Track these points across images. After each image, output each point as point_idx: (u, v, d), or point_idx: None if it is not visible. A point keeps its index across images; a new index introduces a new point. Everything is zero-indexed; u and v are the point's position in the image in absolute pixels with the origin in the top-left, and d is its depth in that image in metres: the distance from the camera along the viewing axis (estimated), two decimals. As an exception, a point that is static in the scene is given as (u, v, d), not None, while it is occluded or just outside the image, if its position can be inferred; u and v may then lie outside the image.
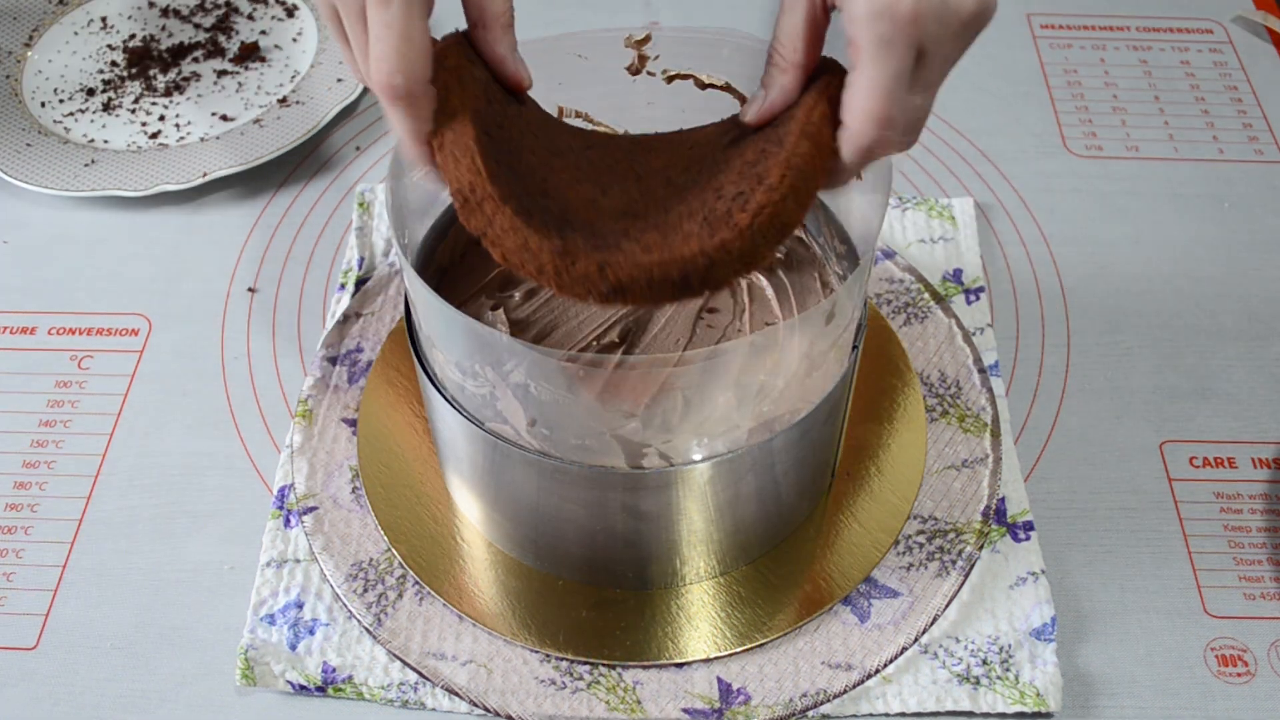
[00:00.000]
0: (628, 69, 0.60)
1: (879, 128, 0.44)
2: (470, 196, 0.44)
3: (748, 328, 0.57)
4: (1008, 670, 0.57)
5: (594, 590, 0.60)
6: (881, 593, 0.60)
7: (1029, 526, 0.62)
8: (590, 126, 0.61)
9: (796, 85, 0.46)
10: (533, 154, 0.48)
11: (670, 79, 0.60)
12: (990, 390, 0.67)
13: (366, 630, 0.59)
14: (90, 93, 0.87)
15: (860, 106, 0.44)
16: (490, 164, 0.44)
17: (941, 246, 0.75)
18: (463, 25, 0.48)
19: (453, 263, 0.60)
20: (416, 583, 0.60)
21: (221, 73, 0.88)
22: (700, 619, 0.59)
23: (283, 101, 0.85)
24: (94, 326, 0.74)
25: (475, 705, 0.56)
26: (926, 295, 0.72)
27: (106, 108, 0.86)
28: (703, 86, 0.59)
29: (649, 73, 0.60)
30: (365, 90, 0.87)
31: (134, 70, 0.88)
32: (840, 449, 0.63)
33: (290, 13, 0.93)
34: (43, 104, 0.86)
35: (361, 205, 0.77)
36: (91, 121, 0.85)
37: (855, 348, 0.56)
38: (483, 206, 0.44)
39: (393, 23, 0.42)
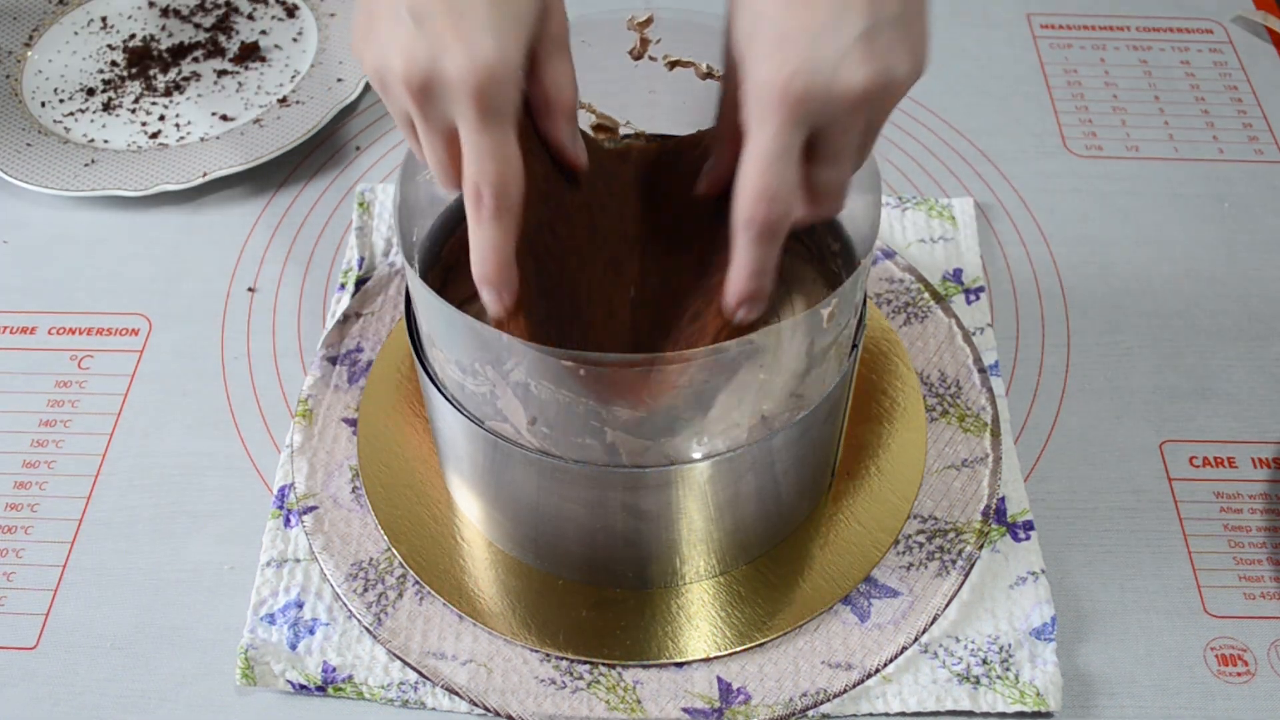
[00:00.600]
0: (630, 53, 0.60)
1: (761, 203, 0.44)
2: (502, 320, 0.48)
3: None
4: (1008, 670, 0.57)
5: (594, 590, 0.60)
6: (881, 592, 0.60)
7: (1029, 526, 0.62)
8: (594, 119, 0.61)
9: (735, 156, 0.47)
10: (566, 259, 0.51)
11: (671, 65, 0.60)
12: (990, 390, 0.67)
13: (366, 630, 0.59)
14: (90, 93, 0.87)
15: (743, 183, 0.44)
16: (527, 304, 0.48)
17: (941, 246, 0.75)
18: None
19: (455, 262, 0.60)
20: (416, 582, 0.60)
21: (221, 73, 0.88)
22: (700, 618, 0.59)
23: (283, 101, 0.85)
24: (94, 326, 0.74)
25: (475, 705, 0.56)
26: (926, 295, 0.72)
27: (106, 108, 0.86)
28: (703, 76, 0.59)
29: (650, 57, 0.60)
30: (365, 90, 0.87)
31: (134, 70, 0.88)
32: (840, 448, 0.63)
33: (290, 13, 0.93)
34: (43, 104, 0.86)
35: (361, 205, 0.77)
36: (91, 121, 0.85)
37: (855, 347, 0.56)
38: (507, 327, 0.48)
39: (492, 149, 0.44)
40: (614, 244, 0.55)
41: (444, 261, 0.60)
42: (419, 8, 0.43)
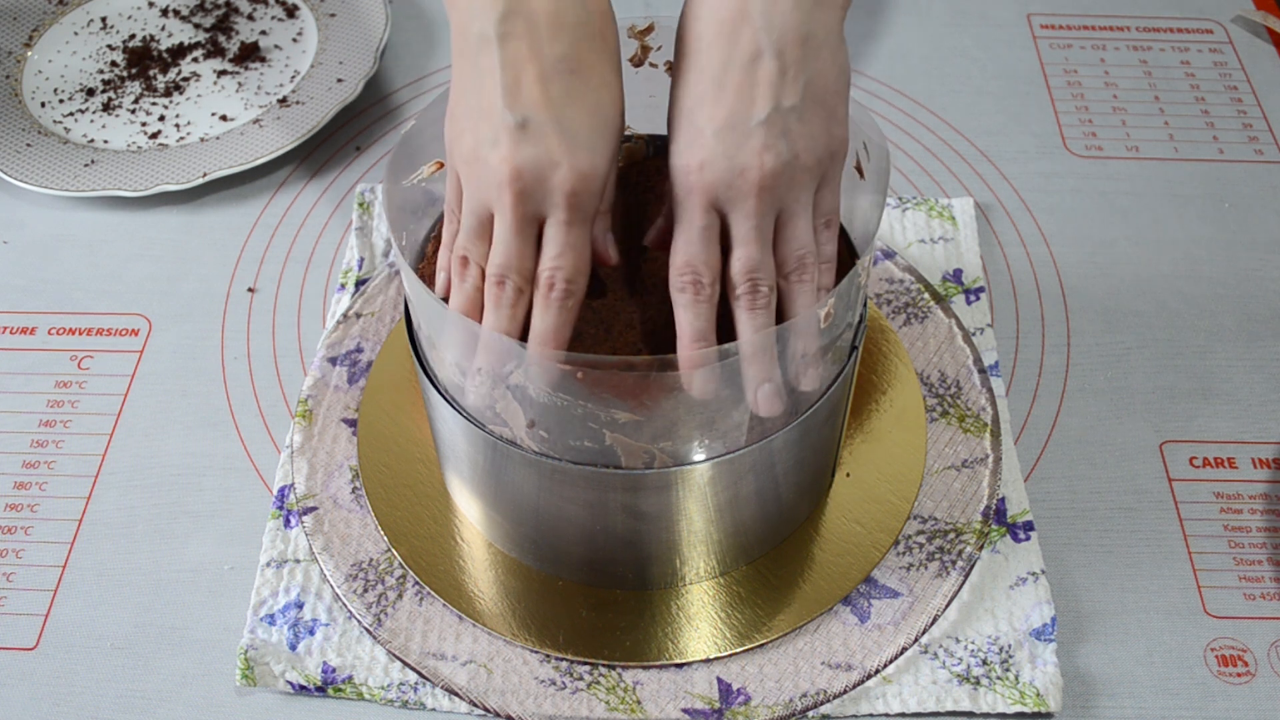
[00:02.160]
0: (630, 60, 0.60)
1: (684, 274, 0.49)
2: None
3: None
4: (1008, 670, 0.57)
5: (594, 591, 0.60)
6: (881, 593, 0.60)
7: (1029, 526, 0.62)
8: None
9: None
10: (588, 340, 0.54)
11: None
12: (990, 390, 0.67)
13: (366, 630, 0.59)
14: (90, 93, 0.87)
15: (671, 256, 0.50)
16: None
17: (941, 246, 0.75)
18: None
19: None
20: (416, 583, 0.60)
21: (221, 73, 0.88)
22: (700, 619, 0.59)
23: (283, 101, 0.85)
24: (94, 326, 0.74)
25: (475, 705, 0.56)
26: (926, 295, 0.72)
27: (106, 108, 0.86)
28: None
29: (651, 64, 0.60)
30: (365, 90, 0.87)
31: (134, 70, 0.88)
32: (840, 449, 0.63)
33: (290, 13, 0.93)
34: (43, 104, 0.86)
35: (361, 205, 0.77)
36: (91, 121, 0.85)
37: (855, 348, 0.56)
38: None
39: (574, 244, 0.49)
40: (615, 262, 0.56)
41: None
42: (531, 120, 0.48)
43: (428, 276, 0.56)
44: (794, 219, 0.50)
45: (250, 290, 0.75)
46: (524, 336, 0.50)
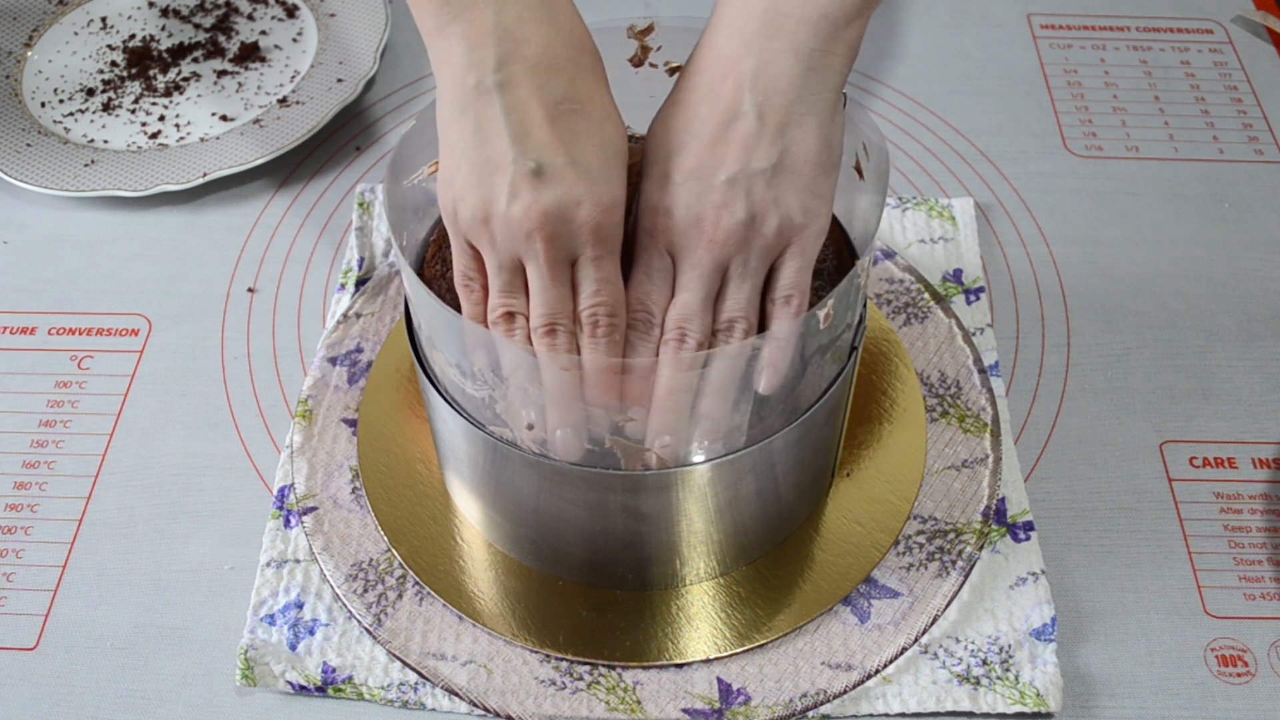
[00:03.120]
0: (630, 60, 0.60)
1: (634, 311, 0.50)
2: None
3: None
4: (1008, 670, 0.57)
5: (594, 591, 0.60)
6: (881, 593, 0.60)
7: (1029, 526, 0.62)
8: None
9: None
10: None
11: (672, 71, 0.60)
12: (990, 390, 0.67)
13: (366, 630, 0.59)
14: (90, 93, 0.87)
15: (629, 291, 0.51)
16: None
17: (941, 246, 0.75)
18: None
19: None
20: (416, 583, 0.60)
21: (221, 73, 0.88)
22: (700, 619, 0.59)
23: (283, 101, 0.85)
24: (94, 326, 0.74)
25: (475, 705, 0.56)
26: (926, 295, 0.72)
27: (106, 108, 0.86)
28: None
29: (651, 64, 0.60)
30: (365, 90, 0.87)
31: (134, 70, 0.88)
32: (840, 449, 0.63)
33: (290, 13, 0.93)
34: (43, 104, 0.86)
35: (361, 205, 0.77)
36: (91, 121, 0.85)
37: (855, 348, 0.56)
38: None
39: (608, 278, 0.49)
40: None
41: (442, 260, 0.59)
42: (546, 164, 0.47)
43: (428, 278, 0.56)
44: (735, 282, 0.50)
45: (250, 290, 0.75)
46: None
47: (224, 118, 0.85)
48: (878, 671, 0.57)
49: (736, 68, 0.48)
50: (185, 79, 0.88)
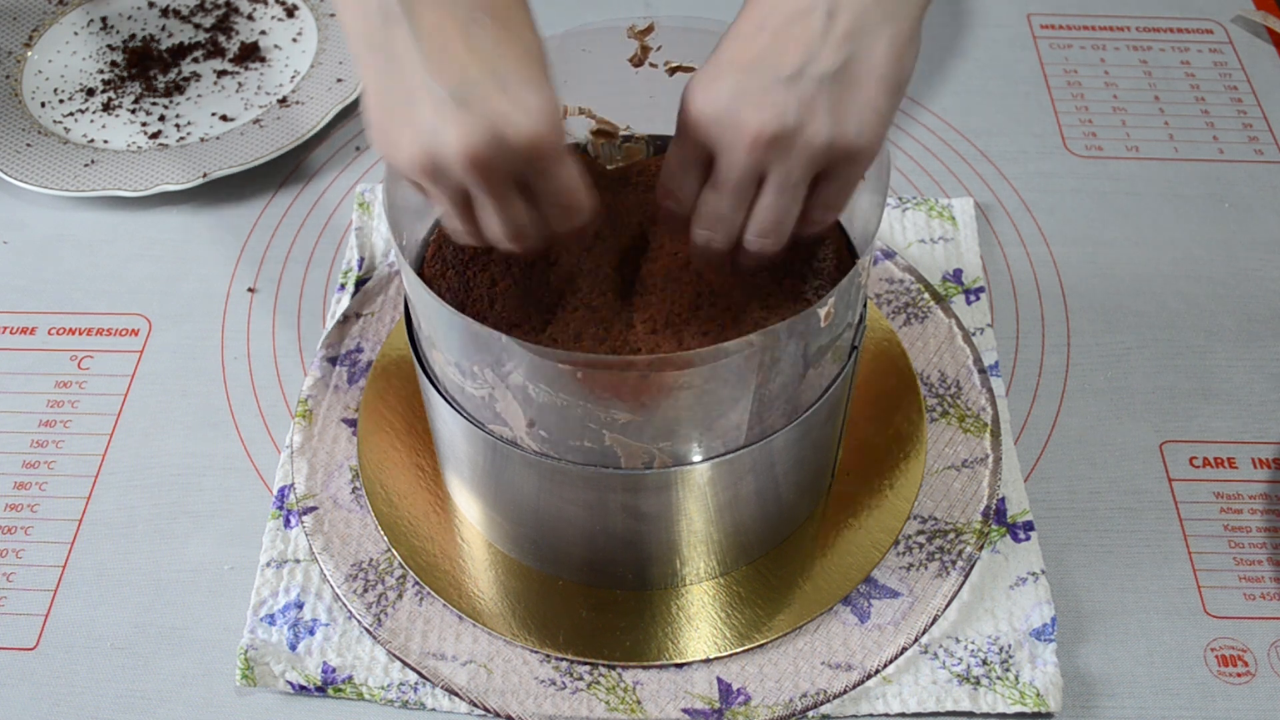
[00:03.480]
0: (630, 60, 0.60)
1: (660, 197, 0.49)
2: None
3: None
4: (1008, 670, 0.57)
5: (594, 591, 0.60)
6: (881, 593, 0.60)
7: (1029, 526, 0.62)
8: (593, 123, 0.62)
9: None
10: (576, 281, 0.56)
11: (672, 71, 0.60)
12: (990, 390, 0.67)
13: (366, 630, 0.59)
14: (90, 93, 0.87)
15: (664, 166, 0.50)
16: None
17: (941, 246, 0.75)
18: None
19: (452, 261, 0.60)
20: (416, 583, 0.60)
21: (221, 73, 0.88)
22: (700, 619, 0.59)
23: (283, 101, 0.85)
24: (94, 326, 0.74)
25: (475, 705, 0.56)
26: (926, 295, 0.72)
27: (106, 108, 0.86)
28: None
29: (651, 64, 0.60)
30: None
31: (134, 70, 0.88)
32: (840, 449, 0.63)
33: (290, 13, 0.93)
34: (43, 104, 0.86)
35: (361, 205, 0.77)
36: (91, 121, 0.85)
37: (855, 348, 0.56)
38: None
39: (570, 183, 0.46)
40: (615, 257, 0.56)
41: (442, 260, 0.59)
42: (462, 89, 0.43)
43: (428, 278, 0.56)
44: (773, 193, 0.47)
45: (250, 290, 0.75)
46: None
47: (224, 118, 0.85)
48: (878, 671, 0.57)
49: None
50: (185, 79, 0.88)
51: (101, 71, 0.89)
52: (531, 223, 0.47)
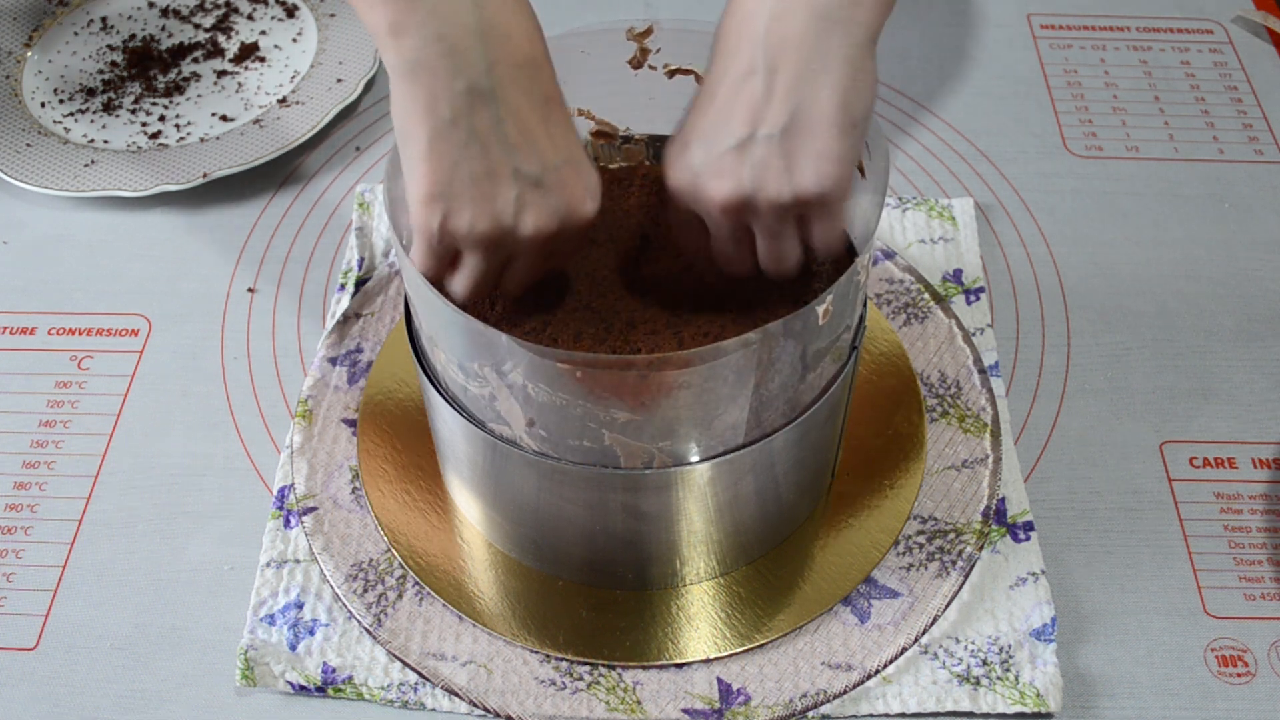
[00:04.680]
0: (629, 62, 0.60)
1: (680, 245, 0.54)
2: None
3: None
4: (1008, 670, 0.57)
5: (594, 591, 0.60)
6: (881, 593, 0.60)
7: (1029, 527, 0.62)
8: (593, 124, 0.62)
9: None
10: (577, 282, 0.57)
11: (671, 73, 0.60)
12: (990, 390, 0.67)
13: (366, 630, 0.59)
14: (90, 93, 0.87)
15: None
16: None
17: (941, 247, 0.75)
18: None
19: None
20: (416, 583, 0.60)
21: (221, 73, 0.88)
22: (700, 619, 0.59)
23: (283, 101, 0.85)
24: (94, 327, 0.74)
25: (475, 706, 0.56)
26: (926, 295, 0.72)
27: (106, 108, 0.86)
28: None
29: (650, 66, 0.60)
30: (366, 90, 0.87)
31: (134, 70, 0.88)
32: (840, 449, 0.63)
33: (290, 13, 0.93)
34: (43, 104, 0.86)
35: (361, 205, 0.77)
36: (91, 121, 0.85)
37: (855, 348, 0.56)
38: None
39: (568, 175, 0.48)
40: (615, 259, 0.56)
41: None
42: (544, 173, 0.47)
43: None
44: (763, 239, 0.49)
45: (250, 290, 0.75)
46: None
47: (224, 118, 0.85)
48: (878, 671, 0.57)
49: (752, 21, 0.46)
50: (185, 79, 0.88)
51: (101, 71, 0.89)
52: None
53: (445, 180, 0.46)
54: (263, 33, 0.91)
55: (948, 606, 0.59)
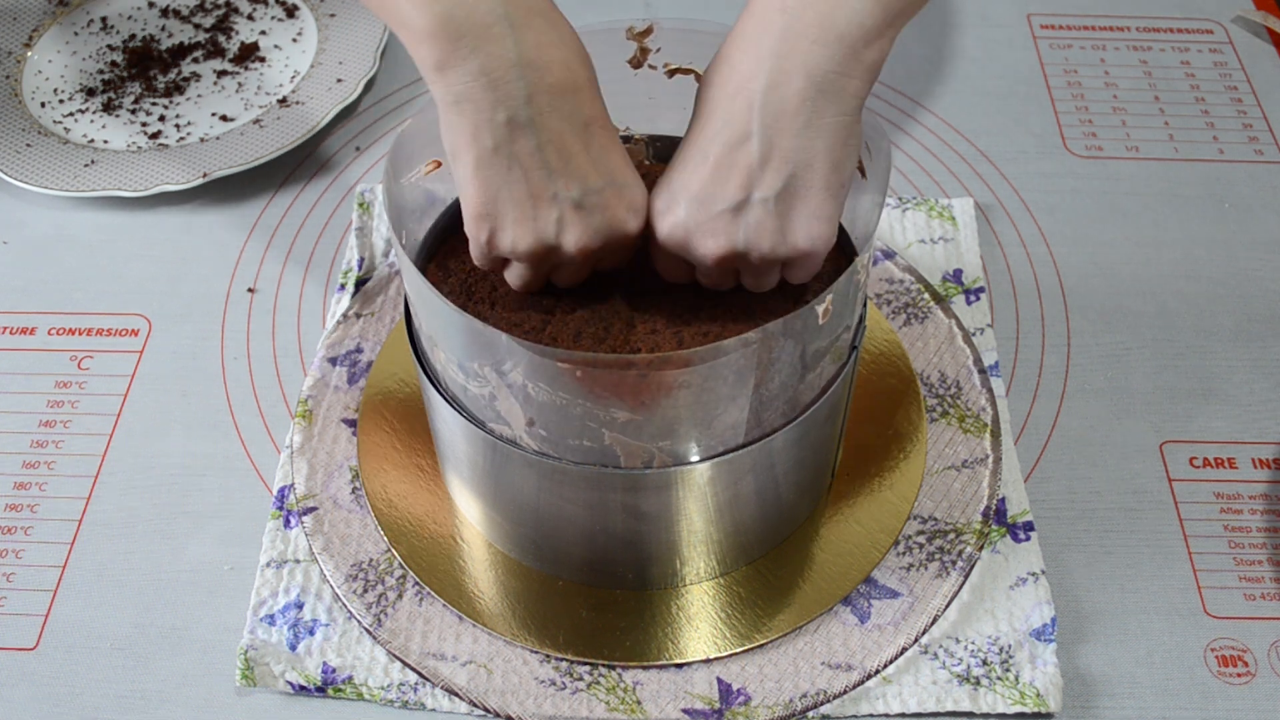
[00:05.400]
0: (629, 62, 0.60)
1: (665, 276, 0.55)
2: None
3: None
4: (1008, 671, 0.57)
5: (594, 591, 0.60)
6: (881, 593, 0.60)
7: (1029, 527, 0.62)
8: None
9: None
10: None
11: (671, 73, 0.60)
12: (990, 391, 0.67)
13: (366, 631, 0.59)
14: (90, 93, 0.87)
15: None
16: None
17: (941, 247, 0.75)
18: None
19: (453, 260, 0.60)
20: (416, 583, 0.60)
21: (221, 73, 0.88)
22: (700, 619, 0.59)
23: (283, 102, 0.85)
24: (94, 327, 0.74)
25: (475, 706, 0.56)
26: (926, 296, 0.72)
27: (106, 108, 0.86)
28: None
29: (650, 66, 0.60)
30: (365, 90, 0.87)
31: (134, 70, 0.88)
32: (840, 449, 0.63)
33: (290, 13, 0.93)
34: (43, 104, 0.86)
35: (361, 205, 0.77)
36: (91, 121, 0.85)
37: (855, 348, 0.56)
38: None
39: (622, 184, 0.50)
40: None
41: (438, 260, 0.59)
42: (584, 196, 0.49)
43: (429, 280, 0.56)
44: (749, 278, 0.52)
45: (250, 290, 0.75)
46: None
47: (224, 118, 0.85)
48: (878, 672, 0.57)
49: (748, 85, 0.47)
50: (185, 79, 0.88)
51: (101, 71, 0.89)
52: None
53: (490, 201, 0.48)
54: (263, 33, 0.91)
55: (948, 606, 0.59)
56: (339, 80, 0.86)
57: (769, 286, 0.53)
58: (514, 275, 0.52)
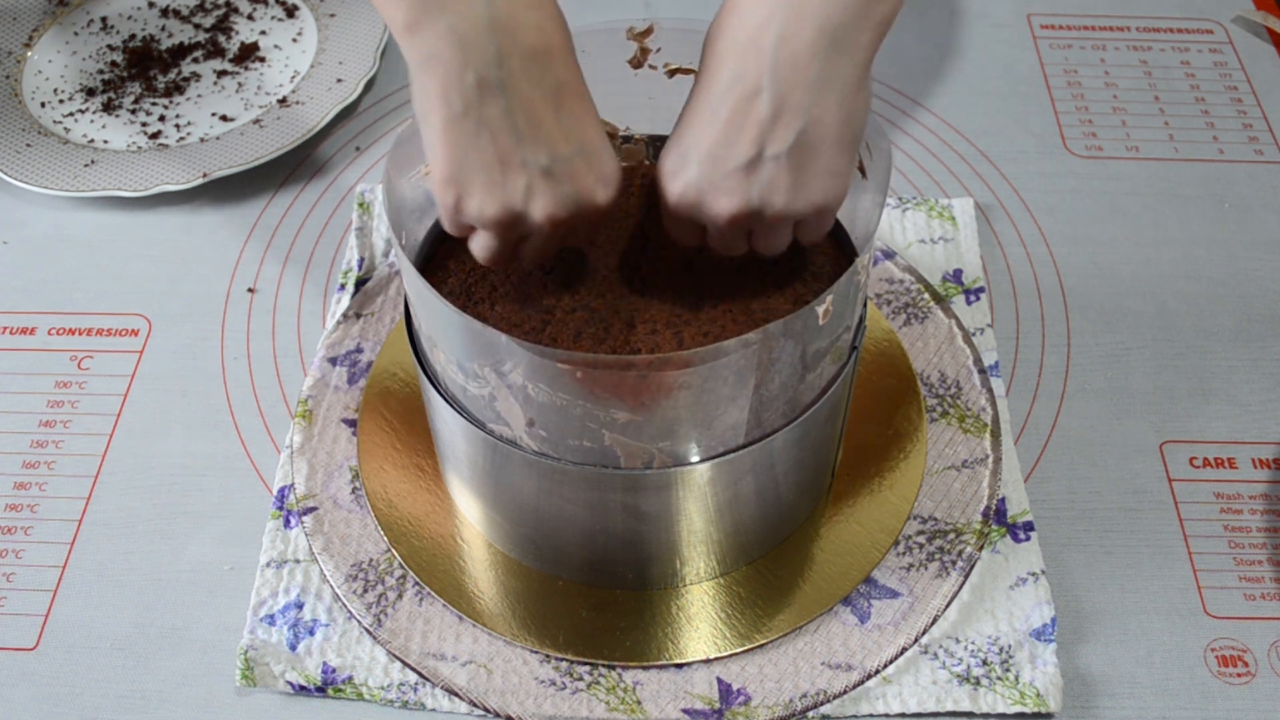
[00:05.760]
0: (630, 62, 0.60)
1: (676, 239, 0.54)
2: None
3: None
4: (1008, 671, 0.57)
5: (594, 591, 0.60)
6: (881, 593, 0.60)
7: (1029, 527, 0.62)
8: None
9: None
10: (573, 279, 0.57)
11: (671, 73, 0.60)
12: (990, 391, 0.67)
13: (366, 631, 0.59)
14: (90, 93, 0.87)
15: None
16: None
17: (941, 247, 0.75)
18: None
19: (452, 260, 0.60)
20: (416, 583, 0.60)
21: (221, 73, 0.88)
22: (700, 619, 0.59)
23: (283, 102, 0.85)
24: (94, 327, 0.74)
25: (475, 706, 0.56)
26: (926, 296, 0.72)
27: (106, 108, 0.86)
28: None
29: (650, 66, 0.60)
30: (365, 90, 0.87)
31: (134, 70, 0.88)
32: (840, 449, 0.63)
33: (290, 13, 0.93)
34: (43, 104, 0.86)
35: (361, 205, 0.77)
36: (91, 121, 0.85)
37: (855, 348, 0.56)
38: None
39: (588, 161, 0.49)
40: (615, 258, 0.56)
41: (438, 260, 0.59)
42: (553, 163, 0.47)
43: (429, 281, 0.56)
44: (761, 238, 0.51)
45: (250, 290, 0.75)
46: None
47: (224, 118, 0.85)
48: (878, 672, 0.57)
49: (759, 38, 0.46)
50: (185, 79, 0.88)
51: (101, 71, 0.89)
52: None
53: (457, 166, 0.47)
54: (263, 33, 0.91)
55: (948, 606, 0.59)
56: (339, 80, 0.86)
57: (781, 248, 0.51)
58: (479, 246, 0.51)
